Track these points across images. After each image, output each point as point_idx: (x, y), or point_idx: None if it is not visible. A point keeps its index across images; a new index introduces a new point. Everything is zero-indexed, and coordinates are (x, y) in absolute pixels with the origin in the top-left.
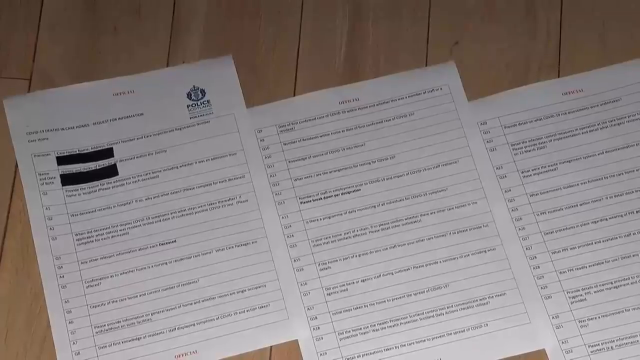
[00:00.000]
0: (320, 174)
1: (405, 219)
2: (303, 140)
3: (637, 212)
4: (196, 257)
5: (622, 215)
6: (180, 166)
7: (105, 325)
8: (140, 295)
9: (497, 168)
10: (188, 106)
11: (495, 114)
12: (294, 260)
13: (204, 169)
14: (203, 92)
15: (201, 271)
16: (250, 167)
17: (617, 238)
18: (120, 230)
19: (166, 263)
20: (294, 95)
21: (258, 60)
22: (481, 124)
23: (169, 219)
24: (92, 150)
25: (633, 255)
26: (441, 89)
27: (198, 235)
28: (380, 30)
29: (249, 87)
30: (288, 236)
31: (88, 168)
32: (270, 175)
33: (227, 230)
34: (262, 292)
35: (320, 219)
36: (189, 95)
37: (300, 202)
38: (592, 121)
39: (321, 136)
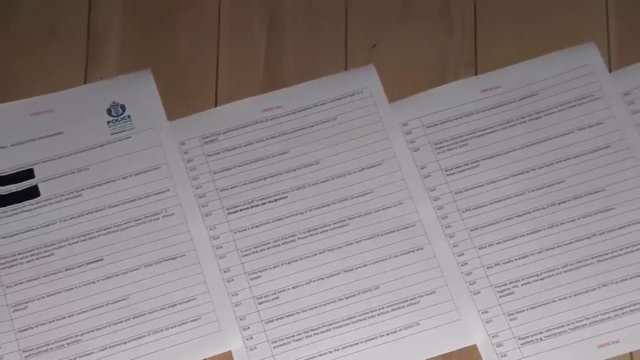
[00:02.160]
0: (246, 183)
1: (333, 224)
2: (227, 150)
3: (559, 203)
4: (124, 274)
5: (544, 208)
6: (103, 183)
7: (34, 348)
8: (68, 316)
9: (420, 168)
10: (108, 122)
11: (416, 114)
12: (224, 271)
13: (128, 184)
14: (123, 107)
15: (130, 288)
16: (175, 180)
17: (540, 230)
18: (44, 252)
19: (94, 282)
20: (216, 106)
21: (177, 73)
22: (403, 124)
23: (94, 237)
24: (11, 172)
25: (557, 247)
26: (362, 92)
27: (125, 252)
28: (299, 36)
29: (169, 100)
30: (216, 247)
31: (8, 190)
32: (196, 187)
33: (155, 245)
34: (193, 305)
35: (249, 229)
36: (109, 112)
37: (228, 213)
38: (511, 117)
39: (245, 145)
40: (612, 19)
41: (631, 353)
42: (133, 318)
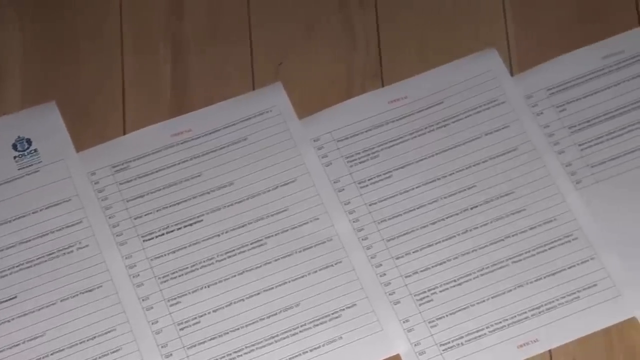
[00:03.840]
0: (160, 209)
1: (251, 244)
2: (139, 177)
3: (471, 208)
4: (40, 310)
5: (458, 214)
6: (13, 219)
7: None
8: None
9: (334, 182)
10: (15, 157)
11: (326, 129)
12: (142, 299)
13: (39, 219)
14: (29, 141)
15: (47, 324)
16: (87, 212)
17: (455, 236)
18: None
19: (8, 320)
20: (125, 134)
21: (83, 103)
22: (314, 140)
23: (6, 275)
24: None
25: (472, 251)
26: (271, 110)
27: (40, 288)
28: (204, 58)
29: (77, 131)
30: (133, 276)
31: None
32: (109, 217)
33: (70, 278)
34: (113, 337)
35: (165, 255)
36: (14, 147)
37: (143, 240)
38: (420, 126)
39: (157, 171)
40: (510, 25)
41: (550, 351)
42: (51, 354)
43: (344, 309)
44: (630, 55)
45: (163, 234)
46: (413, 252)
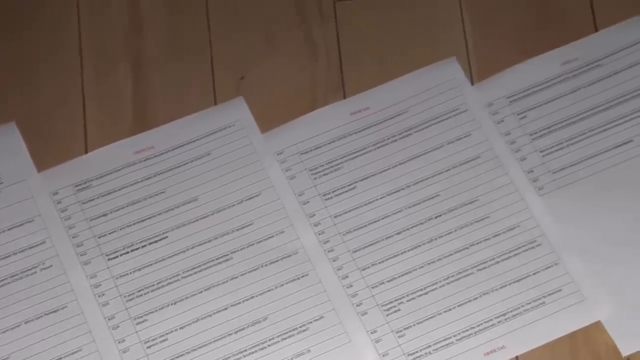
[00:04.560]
0: (124, 227)
1: (216, 259)
2: (102, 196)
3: (436, 217)
4: (4, 333)
5: (422, 223)
6: None
7: None
8: None
9: (299, 195)
10: None
11: (289, 142)
12: (108, 318)
13: (1, 241)
14: None
15: (12, 346)
16: (50, 232)
17: (420, 245)
18: None
19: None
20: (87, 153)
21: (44, 123)
22: (277, 153)
23: None
24: None
25: (438, 260)
26: (234, 125)
27: (3, 310)
28: (165, 75)
29: (38, 151)
30: (98, 295)
31: None
32: (73, 237)
33: (34, 299)
34: (80, 357)
35: (130, 273)
36: None
37: (108, 259)
38: (382, 136)
39: (120, 189)
40: (469, 34)
41: (517, 357)
42: None
43: (311, 322)
44: (587, 62)
45: (128, 252)
46: (379, 263)
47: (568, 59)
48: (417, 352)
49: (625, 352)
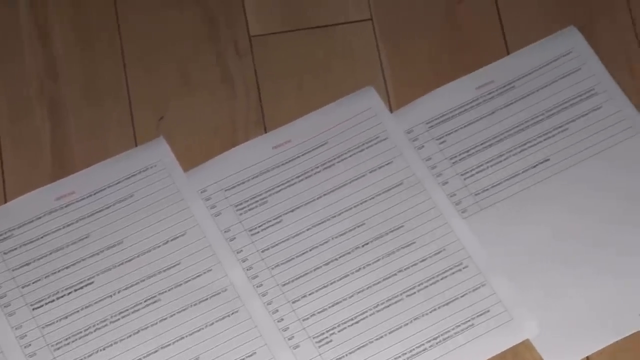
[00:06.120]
0: (48, 275)
1: (144, 302)
2: (24, 245)
3: (362, 246)
4: None
5: (349, 252)
6: None
7: None
8: None
9: (225, 232)
10: None
11: (213, 180)
12: None
13: None
14: None
15: None
16: None
17: (349, 275)
18: None
19: None
20: (6, 202)
21: None
22: (201, 191)
23: None
24: None
25: (367, 288)
26: (155, 165)
27: None
28: (83, 119)
29: None
30: (24, 346)
31: None
32: None
33: None
34: None
35: (57, 321)
36: None
37: (33, 309)
38: (305, 168)
39: (42, 237)
40: (385, 62)
41: None
42: None
43: (244, 359)
44: (501, 85)
45: (53, 300)
46: (309, 295)
47: (482, 82)
48: None
49: None
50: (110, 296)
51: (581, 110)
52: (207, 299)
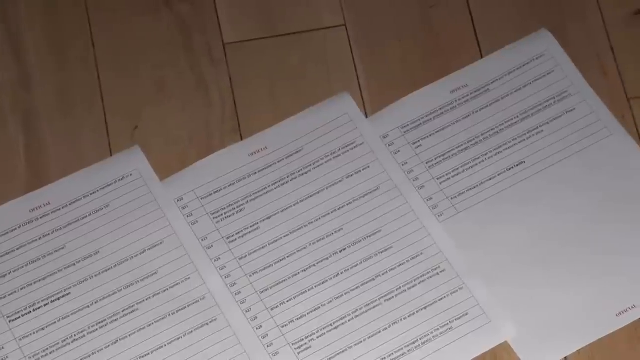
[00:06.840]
0: (24, 287)
1: (123, 311)
2: None
3: (340, 251)
4: None
5: (327, 258)
6: None
7: None
8: None
9: (202, 240)
10: None
11: (189, 188)
12: None
13: None
14: None
15: None
16: None
17: (327, 280)
18: None
19: None
20: None
21: None
22: (178, 200)
23: None
24: None
25: (345, 294)
26: (131, 174)
27: None
28: (58, 130)
29: None
30: (2, 359)
31: None
32: None
33: None
34: None
35: (34, 333)
36: None
37: (9, 321)
38: (282, 175)
39: (18, 249)
40: (359, 67)
41: None
42: None
43: None
44: (475, 88)
45: (30, 312)
46: (287, 301)
47: (457, 86)
48: None
49: None
50: (88, 306)
51: (555, 112)
52: (185, 307)
